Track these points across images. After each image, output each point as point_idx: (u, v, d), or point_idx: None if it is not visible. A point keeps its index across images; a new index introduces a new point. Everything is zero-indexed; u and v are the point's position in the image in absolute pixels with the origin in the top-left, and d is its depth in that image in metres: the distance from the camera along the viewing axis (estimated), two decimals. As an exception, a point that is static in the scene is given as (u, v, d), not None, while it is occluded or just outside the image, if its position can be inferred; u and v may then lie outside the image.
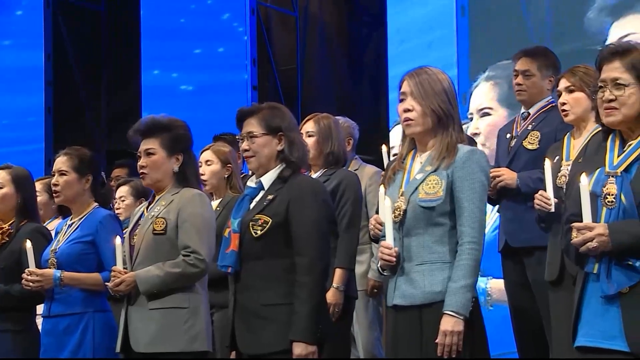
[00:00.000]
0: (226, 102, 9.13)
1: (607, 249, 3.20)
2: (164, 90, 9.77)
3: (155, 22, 9.91)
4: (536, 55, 5.20)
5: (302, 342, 3.80)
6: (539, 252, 4.85)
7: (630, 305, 3.20)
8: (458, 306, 3.51)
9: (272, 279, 3.89)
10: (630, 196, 3.22)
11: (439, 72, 3.73)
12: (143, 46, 9.90)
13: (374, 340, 5.81)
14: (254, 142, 4.02)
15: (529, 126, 5.10)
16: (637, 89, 3.29)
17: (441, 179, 3.61)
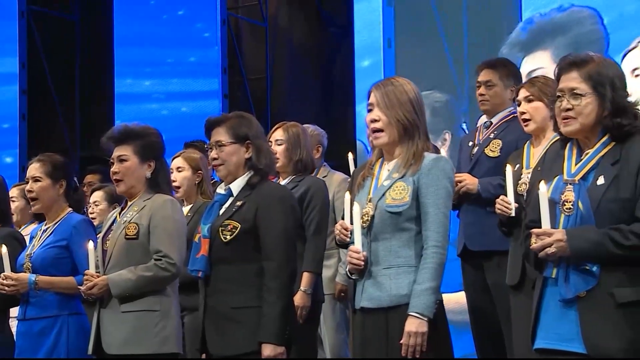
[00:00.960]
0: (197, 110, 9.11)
1: (565, 254, 3.22)
2: (136, 98, 9.73)
3: (128, 32, 9.88)
4: (497, 66, 5.23)
5: (270, 343, 3.81)
6: (498, 256, 4.87)
7: (588, 309, 3.22)
8: (422, 308, 3.53)
9: (241, 282, 3.89)
10: (587, 203, 3.23)
11: (406, 82, 3.74)
12: (116, 55, 9.87)
13: (341, 342, 5.81)
14: (222, 151, 4.03)
15: (491, 135, 5.12)
16: (593, 98, 3.30)
17: (407, 185, 3.63)
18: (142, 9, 9.92)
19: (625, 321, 3.19)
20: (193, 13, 9.76)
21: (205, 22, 9.66)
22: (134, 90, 9.81)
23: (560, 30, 7.02)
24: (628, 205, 3.21)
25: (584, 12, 6.93)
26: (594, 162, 3.30)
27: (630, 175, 3.22)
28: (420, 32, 8.10)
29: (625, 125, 3.28)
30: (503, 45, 7.38)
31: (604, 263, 3.21)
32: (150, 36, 9.81)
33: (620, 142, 3.29)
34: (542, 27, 7.27)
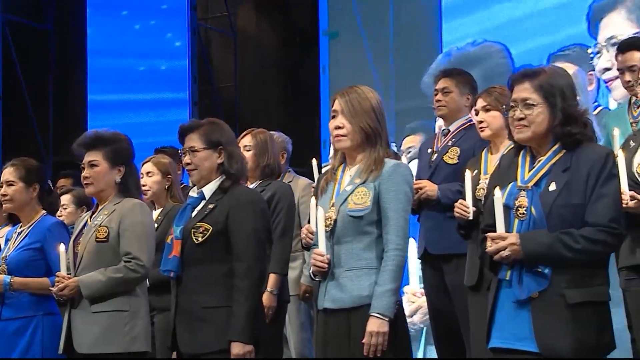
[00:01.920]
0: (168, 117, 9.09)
1: (519, 257, 3.24)
2: (108, 105, 9.70)
3: (101, 41, 9.84)
4: (453, 75, 5.25)
5: (239, 342, 3.80)
6: (456, 259, 4.88)
7: (540, 309, 3.24)
8: (383, 308, 3.53)
9: (212, 283, 3.89)
10: (540, 208, 3.25)
11: (368, 91, 3.75)
12: (89, 63, 9.84)
13: (305, 340, 5.81)
14: (196, 156, 4.02)
15: (449, 142, 5.13)
16: (544, 108, 3.32)
17: (369, 190, 3.63)
18: (115, 19, 9.89)
19: (575, 321, 3.21)
20: (164, 23, 9.75)
21: (176, 33, 9.65)
22: (106, 98, 9.77)
23: (474, 63, 7.25)
24: (578, 210, 3.25)
25: (494, 46, 7.33)
26: (546, 169, 3.32)
27: (581, 182, 3.25)
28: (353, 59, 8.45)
29: (575, 133, 3.31)
30: (425, 74, 7.64)
31: (556, 265, 3.23)
32: (122, 45, 9.77)
33: (571, 149, 3.32)
34: (459, 59, 7.59)
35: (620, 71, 4.94)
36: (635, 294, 4.12)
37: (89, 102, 9.82)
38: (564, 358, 3.20)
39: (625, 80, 4.88)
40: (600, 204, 3.23)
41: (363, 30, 8.38)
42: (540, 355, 3.23)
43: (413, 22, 8.20)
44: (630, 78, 4.80)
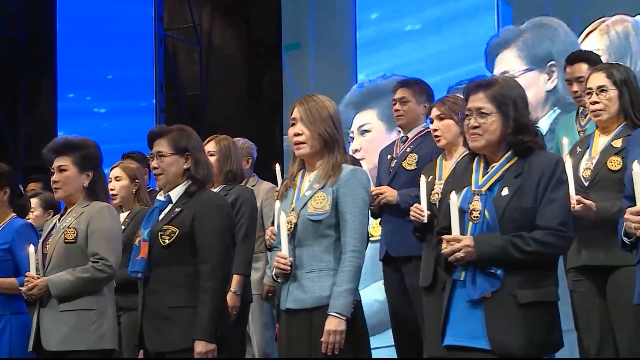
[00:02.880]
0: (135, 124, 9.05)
1: (473, 258, 3.24)
2: (78, 112, 9.63)
3: (71, 50, 9.78)
4: (410, 85, 5.26)
5: (203, 340, 3.77)
6: (415, 261, 4.86)
7: (492, 309, 3.24)
8: (341, 308, 3.52)
9: (178, 284, 3.85)
10: (493, 212, 3.26)
11: (326, 99, 3.76)
12: (59, 71, 9.78)
13: (267, 339, 5.79)
14: (163, 161, 3.99)
15: (408, 149, 5.13)
16: (497, 117, 3.33)
17: (327, 195, 3.63)
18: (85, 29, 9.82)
19: (525, 320, 3.21)
20: (132, 34, 9.72)
21: (143, 42, 9.62)
22: (75, 105, 9.70)
23: (383, 94, 7.47)
24: (529, 214, 3.25)
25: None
26: (499, 174, 3.32)
27: (532, 187, 3.26)
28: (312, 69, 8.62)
29: (527, 141, 3.32)
30: (340, 103, 7.86)
31: (507, 267, 3.23)
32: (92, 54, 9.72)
33: (523, 157, 3.32)
34: (370, 90, 8.02)
35: (568, 82, 4.98)
36: (581, 294, 4.14)
37: (59, 109, 9.74)
38: (515, 355, 3.20)
39: (573, 91, 4.92)
40: (550, 208, 3.24)
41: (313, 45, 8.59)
42: (492, 353, 3.22)
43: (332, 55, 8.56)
44: (577, 89, 4.83)
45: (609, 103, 4.09)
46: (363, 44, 8.25)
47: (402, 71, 7.51)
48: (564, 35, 6.47)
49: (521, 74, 6.99)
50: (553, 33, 6.60)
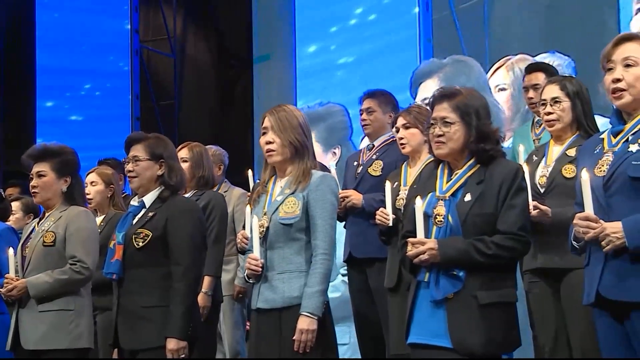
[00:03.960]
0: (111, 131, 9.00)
1: (436, 260, 3.23)
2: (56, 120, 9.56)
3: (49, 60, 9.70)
4: (376, 95, 5.25)
5: (175, 338, 3.75)
6: (378, 263, 4.84)
7: (454, 309, 3.23)
8: (313, 308, 3.52)
9: (151, 284, 3.84)
10: (456, 217, 3.25)
11: (295, 109, 3.78)
12: (38, 81, 9.69)
13: (238, 338, 5.77)
14: (138, 165, 3.98)
15: (374, 156, 5.11)
16: (461, 126, 3.33)
17: (298, 200, 3.63)
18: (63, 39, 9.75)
19: (485, 320, 3.21)
20: (109, 44, 9.68)
21: (119, 53, 9.59)
22: (54, 113, 9.63)
23: (321, 119, 7.98)
24: (491, 219, 3.25)
25: (335, 107, 8.11)
26: (462, 181, 3.32)
27: (493, 194, 3.26)
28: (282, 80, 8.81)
29: (489, 149, 3.32)
30: None
31: (469, 269, 3.23)
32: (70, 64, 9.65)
33: (485, 164, 3.33)
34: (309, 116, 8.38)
35: (525, 89, 5.02)
36: (536, 295, 4.15)
37: (38, 117, 9.66)
38: (475, 353, 3.20)
39: (528, 97, 4.96)
40: (510, 213, 3.25)
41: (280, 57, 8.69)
42: (454, 351, 3.22)
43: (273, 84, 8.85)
44: (533, 95, 4.87)
45: (562, 114, 4.12)
46: (302, 74, 8.58)
47: (336, 99, 8.03)
48: (477, 72, 6.78)
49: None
50: (469, 69, 6.90)
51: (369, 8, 8.14)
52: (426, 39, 7.64)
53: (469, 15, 7.33)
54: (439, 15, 7.56)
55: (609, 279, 3.00)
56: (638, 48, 3.08)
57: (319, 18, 8.48)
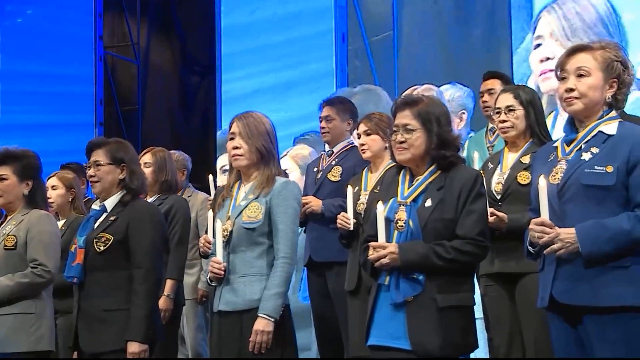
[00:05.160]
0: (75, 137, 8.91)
1: (397, 264, 3.21)
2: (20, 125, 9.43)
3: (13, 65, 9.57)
4: (334, 103, 5.24)
5: (136, 341, 3.71)
6: (337, 267, 4.83)
7: (414, 312, 3.22)
8: (270, 310, 3.50)
9: (113, 288, 3.79)
10: (417, 221, 3.24)
11: (262, 116, 3.75)
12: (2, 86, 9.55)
13: (200, 341, 5.74)
14: (99, 170, 3.94)
15: (333, 162, 5.10)
16: (422, 133, 3.32)
17: (261, 205, 3.61)
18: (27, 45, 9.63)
19: (444, 322, 3.20)
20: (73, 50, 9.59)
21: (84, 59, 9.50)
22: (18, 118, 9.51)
23: None
24: (450, 224, 3.25)
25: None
26: (423, 187, 3.31)
27: (453, 199, 3.25)
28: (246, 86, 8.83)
29: (449, 156, 3.32)
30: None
31: (429, 273, 3.22)
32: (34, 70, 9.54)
33: (445, 170, 3.32)
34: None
35: (480, 94, 5.06)
36: (492, 298, 4.14)
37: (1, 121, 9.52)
38: (433, 355, 3.19)
39: (483, 101, 4.98)
40: (469, 219, 3.24)
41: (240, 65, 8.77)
42: (413, 353, 3.20)
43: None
44: (488, 99, 4.89)
45: (516, 121, 4.13)
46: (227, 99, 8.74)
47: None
48: (385, 101, 7.01)
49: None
50: (377, 98, 7.13)
51: (292, 39, 8.38)
52: (341, 68, 8.00)
53: (380, 47, 7.73)
54: (354, 47, 7.95)
55: (563, 283, 3.01)
56: (590, 58, 3.09)
57: (243, 46, 8.71)
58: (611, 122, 3.09)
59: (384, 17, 7.70)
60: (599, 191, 2.98)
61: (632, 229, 2.92)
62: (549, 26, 6.70)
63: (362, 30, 7.88)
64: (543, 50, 6.64)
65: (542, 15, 6.73)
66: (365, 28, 7.86)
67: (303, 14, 8.30)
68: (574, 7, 6.58)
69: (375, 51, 7.74)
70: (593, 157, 3.03)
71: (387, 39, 7.68)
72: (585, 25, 6.52)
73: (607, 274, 2.94)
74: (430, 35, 7.52)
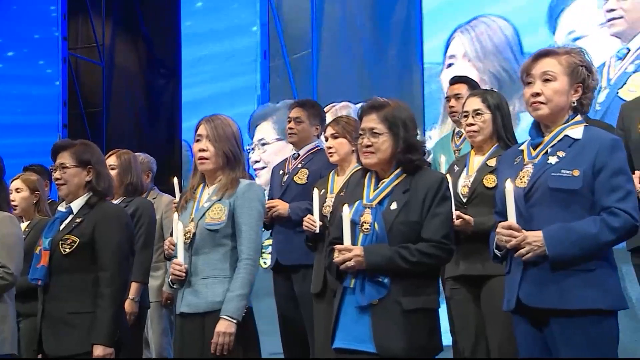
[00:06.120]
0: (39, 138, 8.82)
1: (362, 267, 3.21)
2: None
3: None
4: (306, 106, 5.23)
5: (101, 345, 3.67)
6: (304, 269, 4.83)
7: (379, 315, 3.21)
8: (232, 311, 3.49)
9: (78, 290, 3.74)
10: (382, 224, 3.24)
11: (229, 119, 3.74)
12: (-34, 87, 9.43)
13: (165, 344, 5.69)
14: (65, 172, 3.90)
15: (299, 164, 5.10)
16: (389, 137, 3.32)
17: (224, 207, 3.59)
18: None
19: (408, 325, 3.20)
20: (37, 51, 9.49)
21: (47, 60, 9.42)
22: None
23: None
24: (416, 227, 3.25)
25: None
26: (388, 190, 3.31)
27: (418, 203, 3.26)
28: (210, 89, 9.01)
29: (415, 160, 3.32)
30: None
31: (394, 276, 3.21)
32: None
33: (411, 174, 3.32)
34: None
35: (447, 99, 5.05)
36: (458, 301, 4.15)
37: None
38: (398, 358, 3.19)
39: (450, 106, 4.99)
40: (434, 222, 3.25)
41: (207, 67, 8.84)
42: (378, 355, 3.20)
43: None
44: (454, 104, 4.90)
45: (483, 125, 4.14)
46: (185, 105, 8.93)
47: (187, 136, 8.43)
48: None
49: (274, 142, 8.23)
50: None
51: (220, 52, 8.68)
52: (263, 84, 8.28)
53: (300, 64, 8.04)
54: (275, 64, 8.28)
55: (529, 286, 3.01)
56: (556, 63, 3.10)
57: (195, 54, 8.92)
58: (577, 126, 3.10)
59: (303, 36, 8.00)
60: (566, 195, 2.99)
61: (598, 232, 2.94)
62: (462, 47, 6.92)
63: (282, 48, 8.18)
64: (455, 70, 6.82)
65: (456, 36, 6.95)
66: (286, 46, 8.18)
67: (232, 30, 8.58)
68: (486, 29, 6.80)
69: (295, 68, 8.04)
70: (559, 160, 3.04)
71: (306, 57, 7.98)
72: (495, 48, 6.76)
73: (573, 277, 2.95)
74: (347, 55, 7.81)
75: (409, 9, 7.33)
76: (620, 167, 2.99)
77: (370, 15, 7.63)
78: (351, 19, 7.76)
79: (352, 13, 7.72)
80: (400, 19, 7.42)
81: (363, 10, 7.69)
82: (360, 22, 7.72)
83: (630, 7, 6.14)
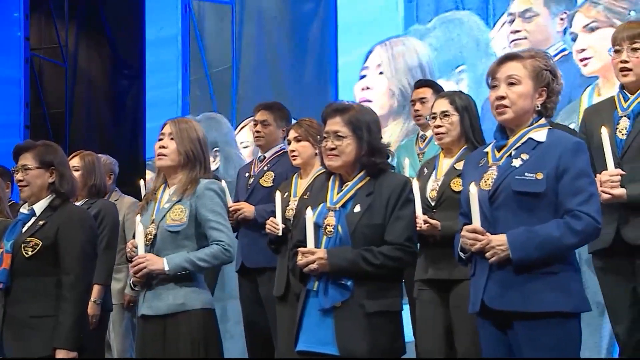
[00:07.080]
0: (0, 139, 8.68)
1: (326, 270, 3.21)
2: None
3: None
4: (273, 109, 5.21)
5: (64, 349, 3.64)
6: (269, 272, 4.81)
7: (342, 317, 3.22)
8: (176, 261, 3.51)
9: (41, 293, 3.70)
10: (345, 227, 3.25)
11: (196, 124, 3.74)
12: None
13: (127, 347, 5.66)
14: (28, 174, 3.85)
15: (265, 167, 5.09)
16: (352, 140, 3.33)
17: (185, 207, 3.58)
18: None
19: (371, 327, 3.21)
20: (0, 53, 9.33)
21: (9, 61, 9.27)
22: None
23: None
24: (379, 229, 3.26)
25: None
26: (352, 192, 3.32)
27: (382, 205, 3.27)
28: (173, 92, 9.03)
29: (378, 163, 3.34)
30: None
31: (357, 278, 3.22)
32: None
33: (374, 177, 3.34)
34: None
35: (412, 102, 5.04)
36: (424, 302, 4.11)
37: None
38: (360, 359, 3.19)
39: (415, 109, 4.98)
40: (398, 224, 3.26)
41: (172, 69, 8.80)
42: (340, 358, 3.20)
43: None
44: (419, 107, 4.90)
45: (451, 127, 4.09)
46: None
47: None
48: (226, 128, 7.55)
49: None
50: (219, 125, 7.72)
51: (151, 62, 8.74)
52: (184, 96, 8.30)
53: (220, 78, 8.13)
54: (196, 77, 8.31)
55: (493, 289, 3.00)
56: (520, 67, 3.10)
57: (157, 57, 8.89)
58: (541, 129, 3.10)
59: (224, 51, 8.16)
60: (530, 198, 2.99)
61: (562, 235, 2.94)
62: (378, 59, 7.12)
63: (203, 61, 8.30)
64: (365, 81, 7.10)
65: (375, 49, 7.14)
66: (206, 60, 8.31)
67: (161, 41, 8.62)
68: (402, 49, 7.00)
69: (215, 82, 8.19)
70: (523, 163, 3.03)
71: (225, 72, 8.14)
72: (407, 67, 6.96)
73: (537, 281, 2.95)
74: (265, 70, 7.95)
75: (323, 27, 7.57)
76: (583, 170, 3.00)
77: (288, 32, 7.84)
78: (269, 35, 7.96)
79: (269, 30, 7.93)
80: (316, 36, 7.63)
81: (279, 27, 7.90)
82: (277, 39, 7.93)
83: (534, 29, 6.34)
